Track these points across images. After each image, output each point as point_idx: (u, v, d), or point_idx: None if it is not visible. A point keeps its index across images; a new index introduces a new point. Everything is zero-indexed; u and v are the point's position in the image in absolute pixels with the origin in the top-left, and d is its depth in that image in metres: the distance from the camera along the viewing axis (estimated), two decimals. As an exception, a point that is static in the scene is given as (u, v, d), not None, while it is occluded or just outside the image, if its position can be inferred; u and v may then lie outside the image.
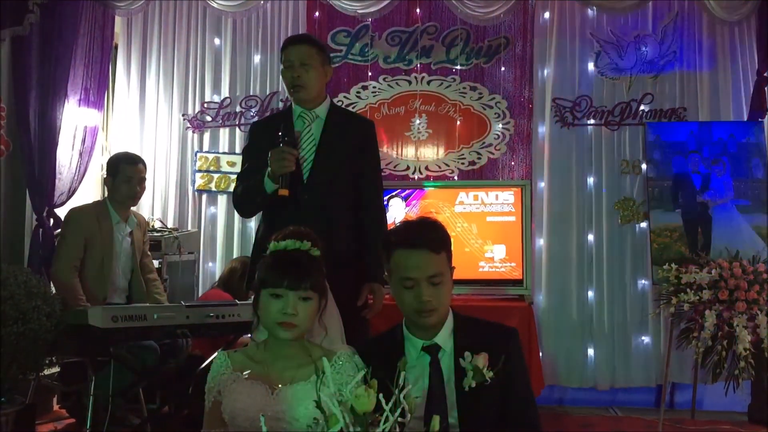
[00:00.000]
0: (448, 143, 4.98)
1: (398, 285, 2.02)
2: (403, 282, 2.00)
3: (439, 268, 2.00)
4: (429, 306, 1.97)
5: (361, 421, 1.41)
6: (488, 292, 4.43)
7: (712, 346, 3.79)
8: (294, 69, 2.84)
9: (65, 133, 4.40)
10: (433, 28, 4.97)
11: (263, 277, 1.92)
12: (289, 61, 2.86)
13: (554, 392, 4.75)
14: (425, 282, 1.98)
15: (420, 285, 1.97)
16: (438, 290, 1.99)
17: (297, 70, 2.84)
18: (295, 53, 2.86)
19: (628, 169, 4.78)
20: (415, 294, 1.98)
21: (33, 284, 2.94)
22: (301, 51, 2.86)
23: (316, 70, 2.87)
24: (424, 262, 1.99)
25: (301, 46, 2.88)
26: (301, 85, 2.85)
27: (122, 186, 3.84)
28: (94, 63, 4.61)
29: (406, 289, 1.99)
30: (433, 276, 1.99)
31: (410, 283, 1.99)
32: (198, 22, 5.18)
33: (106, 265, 3.76)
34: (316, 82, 2.88)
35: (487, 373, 1.92)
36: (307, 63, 2.84)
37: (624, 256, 4.75)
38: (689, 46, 4.80)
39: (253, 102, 5.10)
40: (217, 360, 1.99)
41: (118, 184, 3.84)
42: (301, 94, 2.87)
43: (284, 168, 2.65)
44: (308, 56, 2.85)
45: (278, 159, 2.65)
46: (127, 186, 3.84)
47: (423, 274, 1.98)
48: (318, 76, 2.89)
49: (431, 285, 1.98)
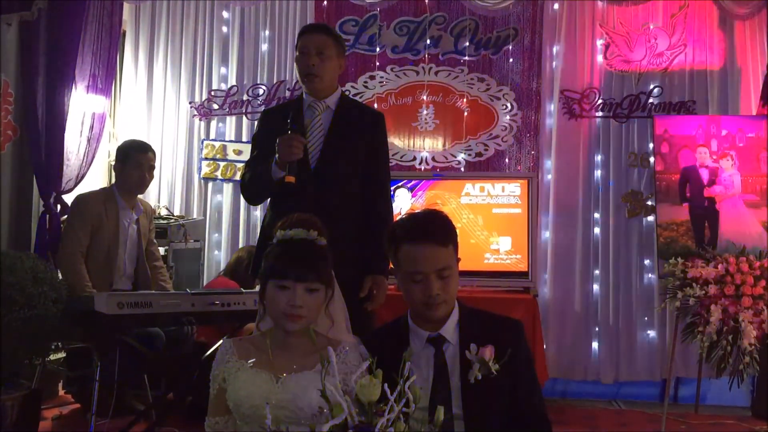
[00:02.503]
0: (455, 134, 4.97)
1: (406, 279, 2.01)
2: (412, 276, 1.99)
3: (447, 261, 2.00)
4: (438, 299, 1.97)
5: (365, 410, 1.42)
6: (493, 284, 4.42)
7: (717, 341, 3.78)
8: (309, 57, 2.80)
9: (73, 120, 4.40)
10: (441, 19, 4.95)
11: (270, 268, 1.92)
12: (306, 48, 2.82)
13: (558, 385, 4.75)
14: (434, 275, 1.97)
15: (429, 278, 1.97)
16: (446, 283, 1.99)
17: (312, 59, 2.80)
18: (311, 41, 2.82)
19: (635, 162, 4.76)
20: (423, 288, 1.97)
21: (40, 270, 2.96)
22: (318, 39, 2.82)
23: (331, 61, 2.84)
24: (433, 256, 1.98)
25: (319, 35, 2.84)
26: (315, 74, 2.81)
27: (131, 173, 3.84)
28: (102, 50, 4.59)
29: (415, 282, 1.99)
30: (442, 269, 1.98)
31: (419, 277, 1.98)
32: (206, 10, 5.18)
33: (112, 252, 3.77)
34: (330, 72, 2.85)
35: (493, 366, 1.92)
36: (323, 52, 2.81)
37: (630, 250, 4.75)
38: (699, 40, 4.77)
39: (261, 90, 5.09)
40: (222, 348, 1.99)
41: (128, 172, 3.84)
42: (314, 83, 2.83)
43: (292, 155, 2.64)
44: (325, 45, 2.81)
45: (286, 146, 2.64)
46: (136, 173, 3.84)
47: (431, 268, 1.97)
48: (332, 67, 2.86)
49: (440, 278, 1.98)
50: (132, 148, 3.91)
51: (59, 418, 3.94)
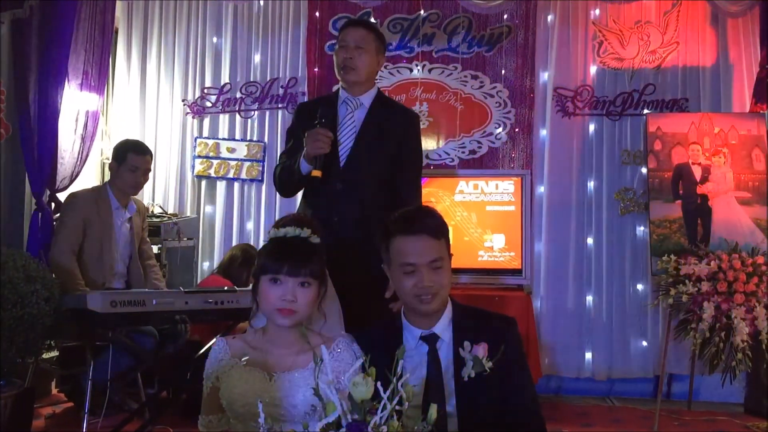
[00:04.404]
0: (449, 132, 4.97)
1: (399, 272, 2.02)
2: (404, 268, 2.01)
3: (439, 252, 2.01)
4: (431, 291, 1.98)
5: (358, 408, 1.42)
6: (487, 281, 4.43)
7: (709, 338, 3.80)
8: (348, 50, 2.80)
9: (66, 118, 4.38)
10: (435, 16, 4.95)
11: (263, 264, 1.92)
12: (345, 41, 2.81)
13: (552, 382, 4.76)
14: (426, 267, 1.99)
15: (420, 270, 1.98)
16: (438, 275, 2.00)
17: (351, 52, 2.79)
18: (351, 34, 2.81)
19: (628, 160, 4.77)
20: (416, 280, 1.98)
21: (32, 268, 2.94)
22: (358, 33, 2.82)
23: (370, 55, 2.83)
24: (425, 248, 2.00)
25: (360, 29, 2.85)
26: (351, 67, 2.80)
27: (126, 174, 3.82)
28: (95, 47, 4.57)
29: (407, 275, 2.00)
30: (434, 261, 2.00)
31: (411, 269, 1.99)
32: (199, 7, 5.16)
33: (104, 251, 3.76)
34: (367, 67, 2.83)
35: (487, 363, 1.92)
36: (362, 46, 2.80)
37: (623, 247, 4.75)
38: (691, 37, 4.78)
39: (254, 88, 5.08)
40: (215, 346, 1.99)
41: (123, 172, 3.82)
42: (350, 75, 2.82)
43: (318, 149, 2.63)
44: (364, 40, 2.81)
45: (313, 140, 2.63)
46: (131, 175, 3.83)
47: (424, 260, 1.99)
48: (370, 62, 2.84)
49: (432, 270, 1.99)
50: (130, 149, 3.87)
51: (52, 416, 3.93)
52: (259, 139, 5.08)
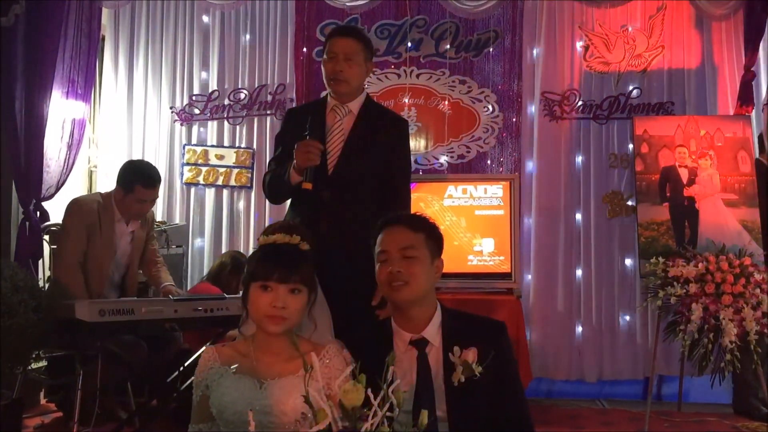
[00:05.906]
0: (437, 136, 4.98)
1: (377, 264, 2.06)
2: (379, 257, 2.04)
3: (412, 241, 2.03)
4: (399, 277, 1.99)
5: (349, 415, 1.42)
6: (477, 285, 4.43)
7: (698, 339, 3.81)
8: (338, 62, 2.77)
9: (53, 126, 4.36)
10: (422, 21, 4.96)
11: (253, 271, 1.93)
12: (333, 53, 2.78)
13: (542, 384, 4.77)
14: (397, 254, 2.02)
15: (391, 256, 2.00)
16: (410, 264, 2.01)
17: (340, 64, 2.76)
18: (340, 45, 2.78)
19: (616, 163, 4.79)
20: (389, 267, 2.00)
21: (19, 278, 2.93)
22: (347, 44, 2.78)
23: (360, 67, 2.81)
24: (398, 236, 2.04)
25: (349, 40, 2.81)
26: (342, 80, 2.78)
27: (133, 205, 3.67)
28: (81, 55, 4.55)
29: (381, 264, 2.04)
30: (405, 248, 2.01)
31: (383, 257, 2.02)
32: (186, 13, 5.15)
33: (104, 261, 3.67)
34: (357, 78, 2.82)
35: (477, 368, 1.93)
36: (352, 58, 2.77)
37: (612, 250, 4.77)
38: (677, 41, 4.81)
39: (242, 95, 5.08)
40: (205, 354, 1.99)
41: (129, 202, 3.66)
42: (340, 87, 2.80)
43: (308, 162, 2.61)
44: (354, 51, 2.78)
45: (303, 152, 2.61)
46: (138, 206, 3.69)
47: (395, 246, 2.02)
48: (359, 72, 2.83)
49: (403, 258, 2.01)
50: (137, 181, 3.63)
51: (41, 427, 3.90)
52: (248, 146, 5.07)
